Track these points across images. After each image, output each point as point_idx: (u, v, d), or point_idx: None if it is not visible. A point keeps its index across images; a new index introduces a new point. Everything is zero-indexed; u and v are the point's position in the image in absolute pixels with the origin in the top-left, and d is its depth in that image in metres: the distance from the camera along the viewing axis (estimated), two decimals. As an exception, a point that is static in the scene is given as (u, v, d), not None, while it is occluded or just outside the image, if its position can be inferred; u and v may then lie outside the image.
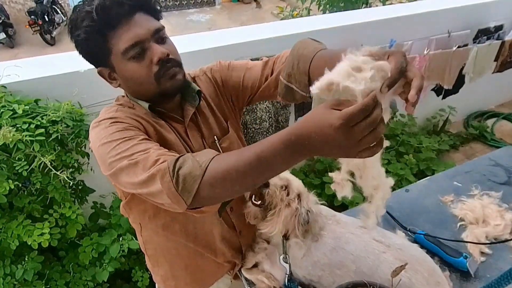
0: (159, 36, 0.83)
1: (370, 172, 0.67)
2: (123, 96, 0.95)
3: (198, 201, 0.68)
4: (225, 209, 0.86)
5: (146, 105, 0.89)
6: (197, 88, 0.95)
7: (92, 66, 0.88)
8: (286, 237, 1.05)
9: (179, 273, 1.10)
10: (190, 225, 1.00)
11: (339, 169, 0.71)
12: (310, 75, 0.81)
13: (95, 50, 0.81)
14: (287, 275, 1.06)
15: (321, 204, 1.23)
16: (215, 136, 0.99)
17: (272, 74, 0.94)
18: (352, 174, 0.69)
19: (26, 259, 1.55)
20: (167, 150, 0.75)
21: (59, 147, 1.53)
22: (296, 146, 0.60)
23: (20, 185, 1.49)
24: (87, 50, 0.82)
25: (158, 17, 0.86)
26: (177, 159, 0.69)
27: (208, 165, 0.66)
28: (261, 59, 0.99)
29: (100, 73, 0.87)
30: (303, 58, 0.82)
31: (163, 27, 0.84)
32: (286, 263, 1.06)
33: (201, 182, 0.66)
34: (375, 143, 0.56)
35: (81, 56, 0.85)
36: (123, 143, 0.76)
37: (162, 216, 0.97)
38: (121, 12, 0.77)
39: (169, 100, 0.92)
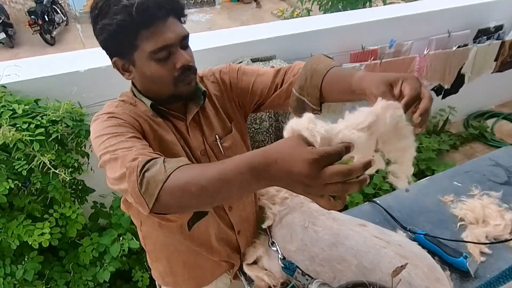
0: (185, 43, 0.86)
1: (399, 133, 0.64)
2: (128, 92, 0.96)
3: (159, 207, 0.66)
4: (195, 223, 0.85)
5: (148, 102, 0.90)
6: (203, 88, 0.96)
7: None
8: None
9: (177, 269, 1.10)
10: (185, 225, 0.99)
11: None
12: (322, 90, 0.84)
13: (121, 43, 0.82)
14: (279, 259, 1.07)
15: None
16: (216, 136, 0.99)
17: (283, 84, 0.96)
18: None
19: (26, 259, 1.55)
20: (151, 150, 0.75)
21: (59, 147, 1.54)
22: (258, 170, 0.58)
23: (20, 185, 1.49)
24: (112, 40, 0.82)
25: (184, 23, 0.88)
26: (148, 161, 0.68)
27: (172, 172, 0.65)
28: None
29: (114, 62, 0.87)
30: (316, 73, 0.85)
31: (189, 34, 0.86)
32: (274, 247, 1.09)
33: (162, 188, 0.64)
34: (338, 196, 0.54)
35: (99, 41, 0.85)
36: (112, 138, 0.77)
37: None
38: (157, 14, 0.79)
39: (177, 101, 0.93)
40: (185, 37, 0.85)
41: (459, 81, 2.99)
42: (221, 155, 0.99)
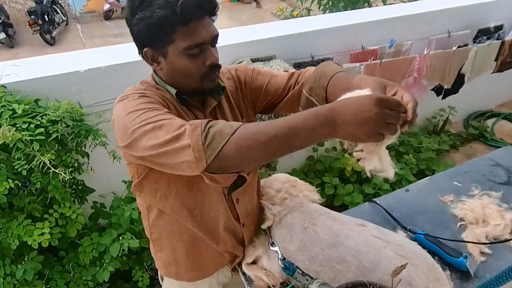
0: (215, 41, 0.91)
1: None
2: (149, 80, 0.99)
3: (219, 161, 0.70)
4: (233, 191, 0.87)
5: (173, 91, 0.93)
6: (223, 84, 1.01)
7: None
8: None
9: (180, 259, 1.12)
10: (196, 210, 1.03)
11: (350, 154, 0.79)
12: (327, 90, 0.92)
13: (157, 35, 0.85)
14: (279, 260, 1.08)
15: (321, 204, 1.24)
16: None
17: (295, 85, 1.03)
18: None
19: (26, 259, 1.55)
20: None
21: (59, 147, 1.53)
22: (325, 117, 0.67)
23: (20, 184, 1.49)
24: (149, 32, 0.85)
25: (214, 22, 0.92)
26: (210, 120, 0.74)
27: (239, 127, 0.71)
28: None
29: (145, 52, 0.90)
30: (324, 75, 0.93)
31: (219, 33, 0.91)
32: (274, 248, 1.10)
33: (229, 140, 0.70)
34: (391, 133, 0.66)
35: (133, 31, 0.87)
36: (150, 111, 0.80)
37: (171, 198, 1.00)
38: (196, 13, 0.83)
39: (199, 95, 0.98)
40: (216, 37, 0.90)
41: (459, 81, 2.99)
42: None
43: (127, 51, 1.95)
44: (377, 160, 0.75)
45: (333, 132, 0.68)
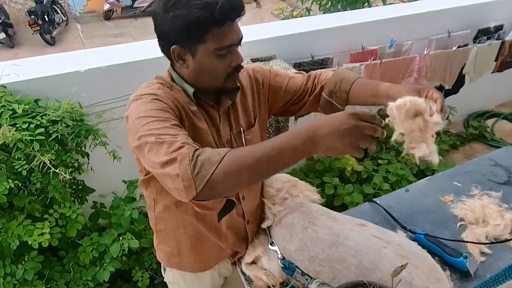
0: (239, 44, 0.94)
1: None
2: (164, 76, 0.99)
3: (209, 188, 0.72)
4: (223, 216, 0.91)
5: (191, 90, 0.95)
6: (238, 84, 1.04)
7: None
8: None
9: (184, 251, 1.15)
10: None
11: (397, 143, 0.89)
12: (349, 94, 1.05)
13: (190, 34, 0.86)
14: (279, 259, 1.08)
15: (321, 204, 1.24)
16: (241, 128, 1.06)
17: (313, 89, 1.12)
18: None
19: (26, 259, 1.55)
20: (192, 141, 0.80)
21: (59, 147, 1.53)
22: (307, 134, 0.73)
23: (20, 184, 1.49)
24: (182, 30, 0.85)
25: None
26: (198, 148, 0.76)
27: (226, 154, 0.74)
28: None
29: (173, 49, 0.90)
30: (345, 80, 1.06)
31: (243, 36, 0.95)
32: (274, 246, 1.11)
33: (217, 167, 0.72)
34: (367, 147, 0.72)
35: (164, 28, 0.87)
36: (157, 122, 0.82)
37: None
38: (231, 16, 0.86)
39: (220, 94, 1.00)
40: (241, 39, 0.94)
41: (460, 81, 2.99)
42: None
43: (127, 51, 1.95)
44: (425, 147, 0.83)
45: (314, 149, 0.74)
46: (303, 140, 0.73)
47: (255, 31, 2.31)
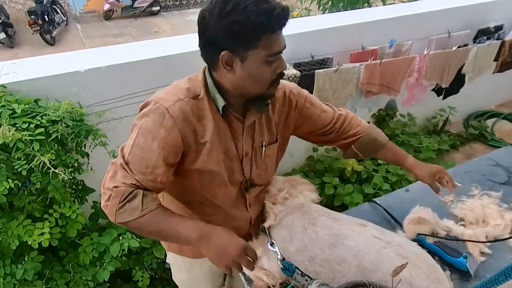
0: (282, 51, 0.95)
1: None
2: (198, 80, 0.98)
3: (125, 225, 0.92)
4: None
5: (222, 103, 0.95)
6: (269, 101, 1.04)
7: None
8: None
9: None
10: (207, 209, 1.11)
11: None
12: (379, 155, 1.28)
13: (244, 39, 0.86)
14: (279, 260, 1.09)
15: (320, 203, 1.24)
16: (263, 142, 1.08)
17: (340, 131, 1.22)
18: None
19: (26, 259, 1.55)
20: (157, 178, 0.92)
21: (59, 147, 1.53)
22: (205, 233, 0.90)
23: (20, 184, 1.49)
24: (237, 35, 0.85)
25: None
26: (132, 191, 0.89)
27: (146, 214, 0.90)
28: None
29: (222, 55, 0.88)
30: (377, 142, 1.25)
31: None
32: (273, 248, 1.12)
33: (133, 220, 0.90)
34: (237, 269, 0.89)
35: (217, 33, 0.86)
36: (138, 149, 0.92)
37: (184, 196, 1.11)
38: (282, 23, 0.87)
39: (259, 101, 0.99)
40: (285, 47, 0.94)
41: (460, 81, 2.99)
42: (260, 160, 1.10)
43: (127, 51, 1.95)
44: None
45: (198, 245, 0.89)
46: (198, 236, 0.89)
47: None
